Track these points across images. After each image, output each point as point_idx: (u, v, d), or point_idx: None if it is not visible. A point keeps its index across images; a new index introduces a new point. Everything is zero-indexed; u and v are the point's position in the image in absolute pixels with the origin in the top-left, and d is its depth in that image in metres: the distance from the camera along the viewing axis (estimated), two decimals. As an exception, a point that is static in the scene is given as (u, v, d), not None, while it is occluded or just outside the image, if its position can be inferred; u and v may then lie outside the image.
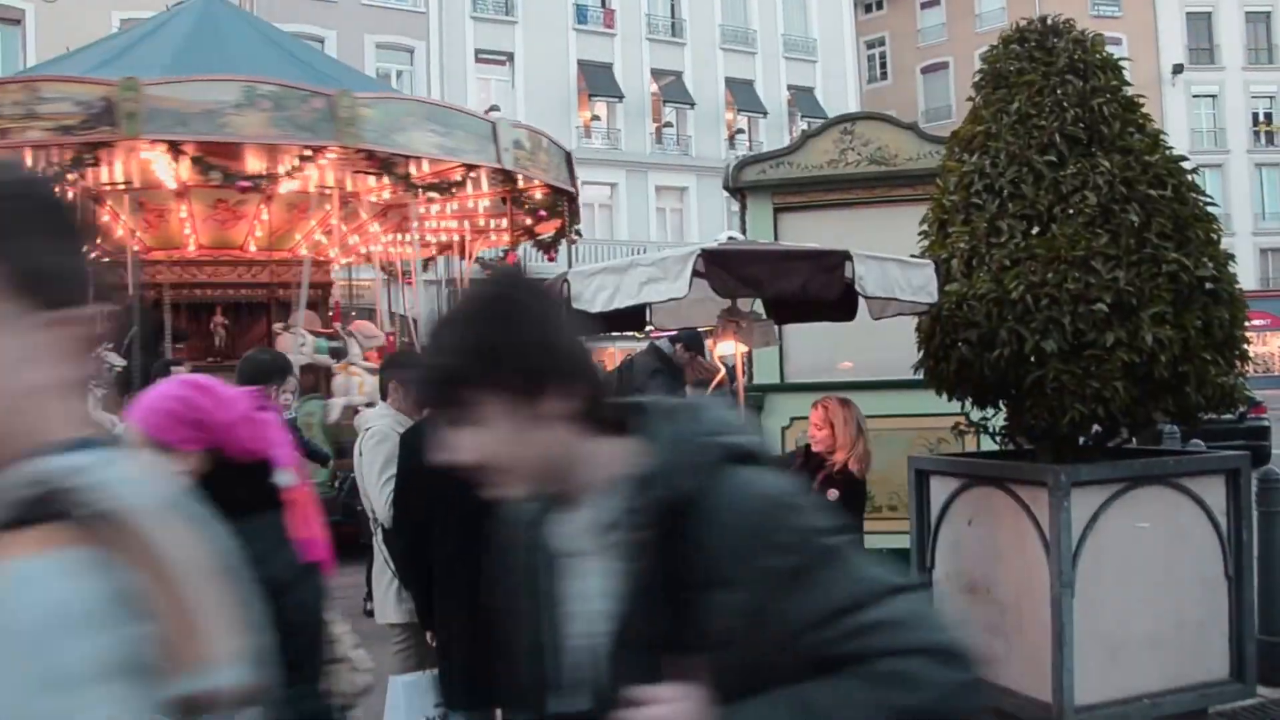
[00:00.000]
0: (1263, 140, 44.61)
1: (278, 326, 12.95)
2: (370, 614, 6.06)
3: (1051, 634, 4.65)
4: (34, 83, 10.03)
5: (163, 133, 9.61)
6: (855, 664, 1.27)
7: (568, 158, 12.98)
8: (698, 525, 1.34)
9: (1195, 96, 43.67)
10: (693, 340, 7.59)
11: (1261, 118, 44.78)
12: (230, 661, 1.04)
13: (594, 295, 4.40)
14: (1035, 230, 4.86)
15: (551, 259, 14.91)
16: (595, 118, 34.75)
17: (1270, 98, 44.54)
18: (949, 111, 40.02)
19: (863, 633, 1.29)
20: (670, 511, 1.35)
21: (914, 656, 1.30)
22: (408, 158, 10.61)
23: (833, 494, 4.95)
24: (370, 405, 7.83)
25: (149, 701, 0.93)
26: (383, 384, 4.60)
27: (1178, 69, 42.92)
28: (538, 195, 12.82)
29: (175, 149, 9.73)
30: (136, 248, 12.58)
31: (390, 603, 4.35)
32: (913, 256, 4.90)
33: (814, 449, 5.18)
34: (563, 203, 13.04)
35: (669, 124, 36.20)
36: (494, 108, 19.57)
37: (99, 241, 12.89)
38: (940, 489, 5.41)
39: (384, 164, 10.39)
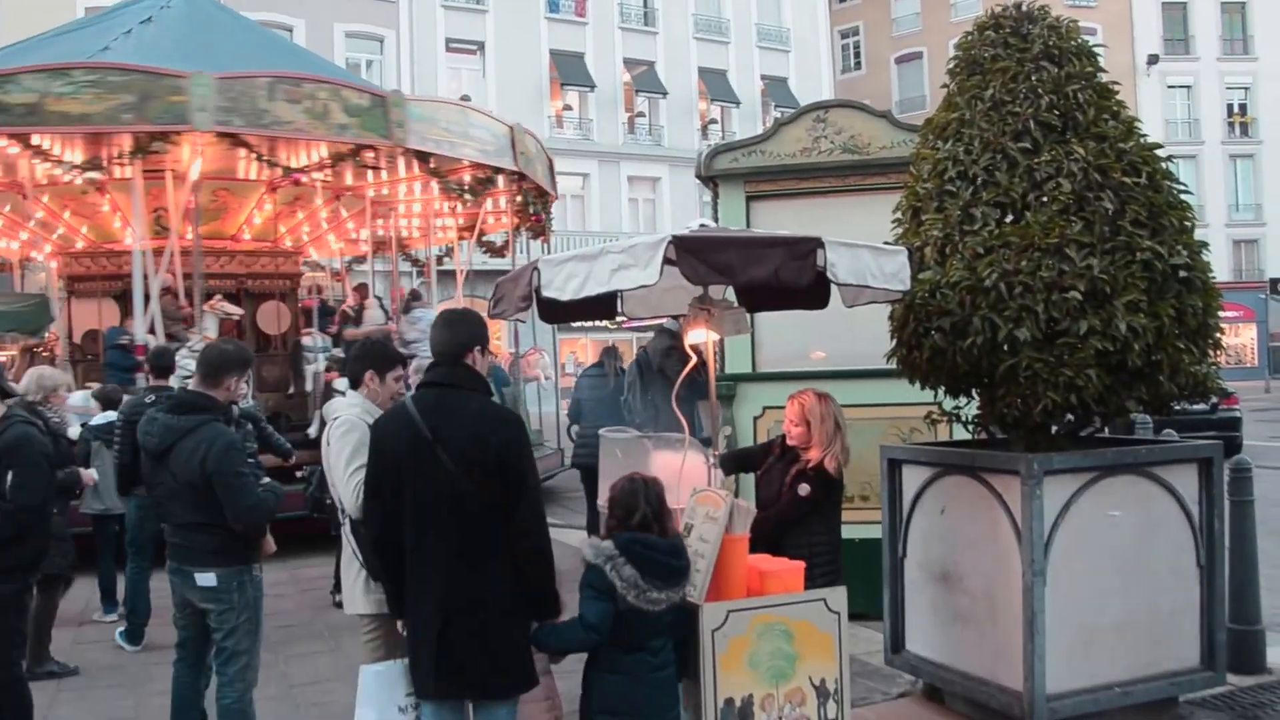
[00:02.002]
0: (1237, 131, 44.98)
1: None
2: (339, 605, 5.99)
3: (1023, 622, 4.64)
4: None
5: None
6: None
7: (510, 131, 12.64)
8: None
9: (1170, 87, 44.00)
10: None
11: (1236, 109, 45.15)
12: None
13: (564, 283, 4.33)
14: (1009, 218, 4.83)
15: (504, 254, 15.05)
16: (567, 107, 34.66)
17: (1245, 89, 44.92)
18: (923, 102, 40.13)
19: None
20: None
21: None
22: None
23: (804, 489, 4.89)
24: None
25: None
26: (355, 373, 4.53)
27: (1153, 59, 43.21)
28: (466, 177, 12.61)
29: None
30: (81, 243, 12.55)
31: (358, 593, 4.29)
32: (886, 244, 4.85)
33: (789, 443, 5.12)
34: (496, 180, 12.79)
35: (641, 114, 36.17)
36: (465, 97, 19.48)
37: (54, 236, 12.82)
38: (913, 478, 5.39)
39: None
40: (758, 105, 37.93)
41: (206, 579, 4.49)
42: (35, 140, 9.99)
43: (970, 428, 5.35)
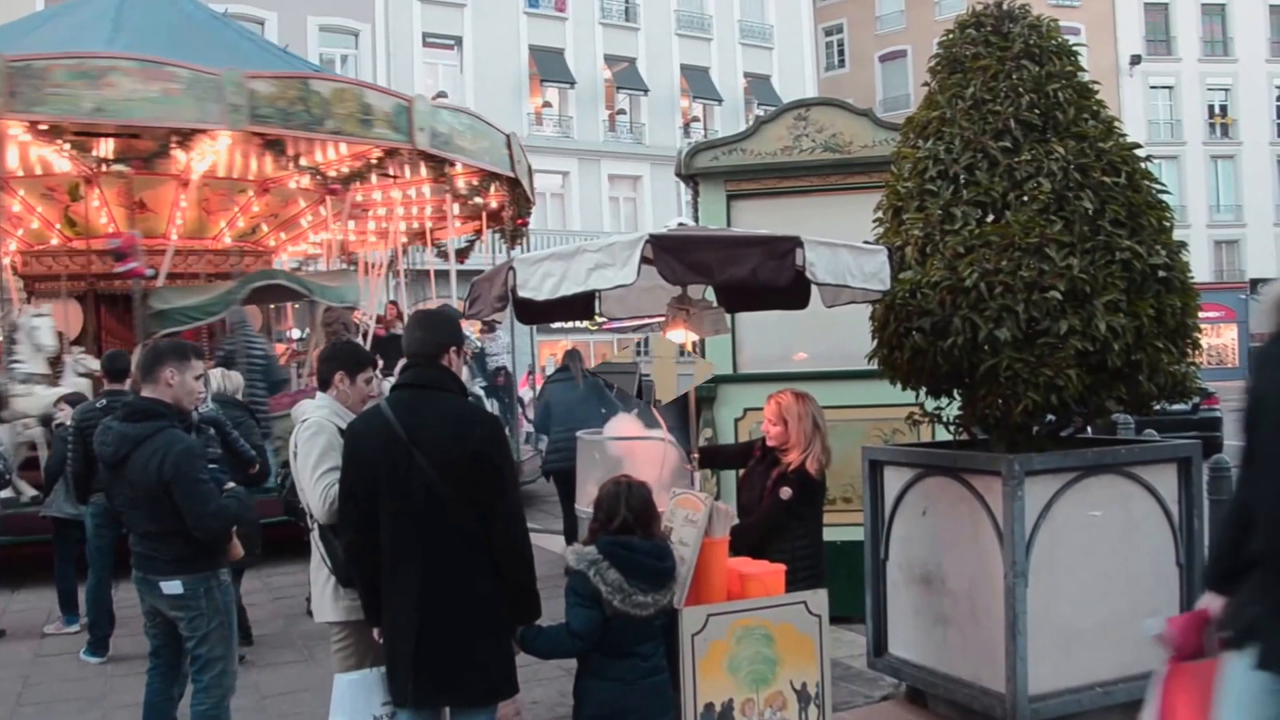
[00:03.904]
0: (1218, 132, 45.26)
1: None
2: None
3: (1005, 623, 4.62)
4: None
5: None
6: None
7: (408, 109, 11.51)
8: None
9: (1152, 87, 44.22)
10: None
11: (1217, 110, 45.44)
12: None
13: (540, 282, 4.28)
14: (989, 217, 4.82)
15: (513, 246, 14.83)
16: (547, 104, 34.45)
17: (1225, 90, 45.19)
18: (907, 100, 40.16)
19: None
20: None
21: None
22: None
23: (785, 492, 4.84)
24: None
25: None
26: (325, 375, 4.43)
27: (1135, 60, 43.42)
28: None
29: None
30: (56, 239, 12.32)
31: (327, 600, 4.19)
32: (866, 243, 4.82)
33: (768, 443, 5.08)
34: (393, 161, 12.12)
35: (622, 111, 36.01)
36: (441, 94, 19.30)
37: (19, 233, 12.57)
38: (894, 479, 5.36)
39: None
40: (740, 103, 37.85)
41: (172, 587, 4.39)
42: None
43: (952, 428, 5.33)
